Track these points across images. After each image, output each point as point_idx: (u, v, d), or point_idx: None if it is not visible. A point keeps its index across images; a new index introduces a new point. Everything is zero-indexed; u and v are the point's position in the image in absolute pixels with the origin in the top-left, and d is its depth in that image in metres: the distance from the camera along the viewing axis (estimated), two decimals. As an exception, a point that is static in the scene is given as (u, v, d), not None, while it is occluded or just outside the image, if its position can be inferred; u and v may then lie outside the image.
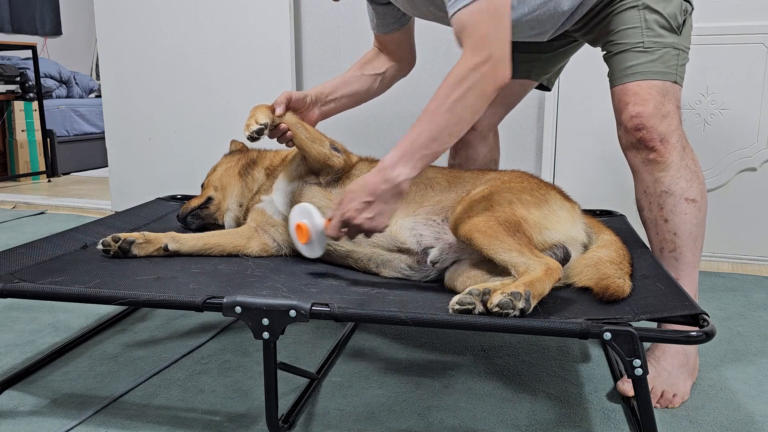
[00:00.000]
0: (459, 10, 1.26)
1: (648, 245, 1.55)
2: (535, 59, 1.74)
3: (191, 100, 3.16)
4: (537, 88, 1.86)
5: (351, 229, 1.32)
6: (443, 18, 1.50)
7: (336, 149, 1.59)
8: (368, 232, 1.32)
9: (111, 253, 1.54)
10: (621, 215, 2.01)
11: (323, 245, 1.41)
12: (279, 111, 1.54)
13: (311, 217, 1.39)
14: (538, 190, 1.42)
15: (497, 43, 1.24)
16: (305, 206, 1.42)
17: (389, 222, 1.31)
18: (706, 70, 2.37)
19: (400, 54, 1.75)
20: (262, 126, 1.47)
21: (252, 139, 1.46)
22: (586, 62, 1.89)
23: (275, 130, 1.54)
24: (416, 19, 1.67)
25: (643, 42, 1.43)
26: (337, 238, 1.35)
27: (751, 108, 2.39)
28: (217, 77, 3.09)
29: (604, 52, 1.53)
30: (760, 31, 2.32)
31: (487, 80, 1.24)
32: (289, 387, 1.48)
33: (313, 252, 1.43)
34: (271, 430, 1.23)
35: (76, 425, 1.34)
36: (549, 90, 1.89)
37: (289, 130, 1.54)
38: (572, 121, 2.60)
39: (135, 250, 1.56)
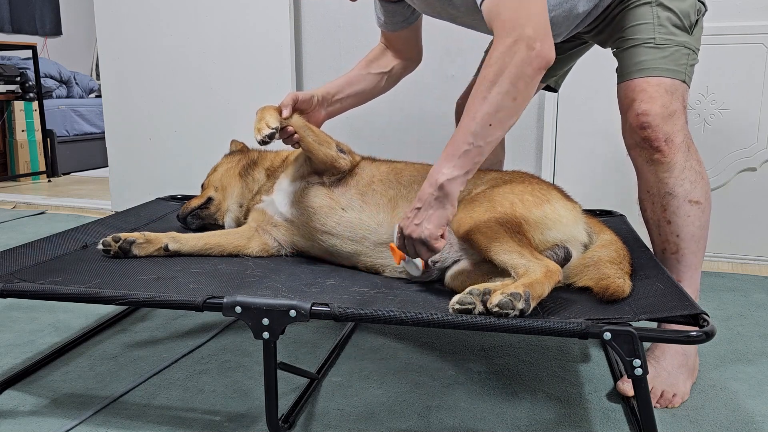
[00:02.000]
0: None
1: (648, 245, 1.55)
2: None
3: (191, 100, 3.16)
4: (543, 89, 1.85)
5: (407, 240, 1.26)
6: (458, 17, 1.50)
7: (342, 151, 1.58)
8: (419, 242, 1.23)
9: (111, 253, 1.54)
10: (621, 215, 2.01)
11: (418, 263, 1.32)
12: (286, 113, 1.53)
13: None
14: (539, 190, 1.42)
15: (530, 20, 1.15)
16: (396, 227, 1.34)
17: (437, 231, 1.22)
18: (706, 70, 2.36)
19: (407, 52, 1.74)
20: (274, 130, 1.45)
21: (263, 143, 1.45)
22: (587, 62, 1.88)
23: (282, 132, 1.53)
24: (423, 15, 1.67)
25: (654, 38, 1.41)
26: (403, 248, 1.28)
27: (751, 108, 2.39)
28: (217, 77, 3.09)
29: (614, 49, 1.51)
30: (760, 31, 2.33)
31: (523, 61, 1.14)
32: (289, 387, 1.48)
33: (412, 270, 1.35)
34: (271, 430, 1.23)
35: (76, 425, 1.34)
36: (556, 91, 1.88)
37: (296, 132, 1.54)
38: (572, 122, 2.60)
39: (135, 250, 1.55)
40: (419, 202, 1.23)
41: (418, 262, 1.32)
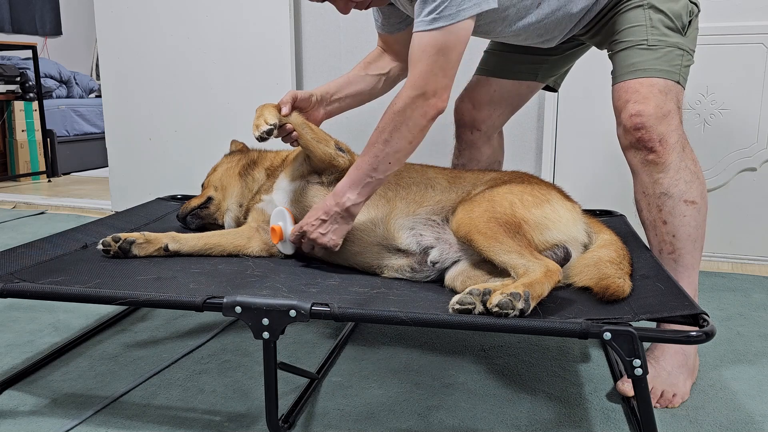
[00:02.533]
0: (417, 32, 1.33)
1: (648, 245, 1.55)
2: (542, 61, 1.74)
3: (191, 100, 3.16)
4: (543, 89, 1.86)
5: (307, 240, 1.47)
6: None
7: (341, 149, 1.59)
8: (321, 247, 1.46)
9: (111, 253, 1.54)
10: (621, 215, 2.01)
11: (294, 246, 1.57)
12: (285, 110, 1.54)
13: (285, 223, 1.55)
14: (538, 190, 1.42)
15: (435, 78, 1.33)
16: (282, 211, 1.57)
17: (339, 241, 1.45)
18: (706, 70, 2.36)
19: (405, 54, 1.74)
20: (272, 126, 1.47)
21: (262, 139, 1.47)
22: (587, 62, 1.88)
23: (281, 130, 1.54)
24: None
25: (647, 39, 1.42)
26: (298, 245, 1.52)
27: (751, 108, 2.39)
28: (217, 77, 3.09)
29: (609, 51, 1.53)
30: (760, 31, 2.33)
31: (420, 113, 1.35)
32: (289, 387, 1.48)
33: (285, 250, 1.61)
34: (271, 430, 1.23)
35: (76, 425, 1.34)
36: (555, 91, 1.89)
37: (294, 130, 1.54)
38: (572, 121, 2.61)
39: (135, 250, 1.56)
40: (325, 215, 1.43)
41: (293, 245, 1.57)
